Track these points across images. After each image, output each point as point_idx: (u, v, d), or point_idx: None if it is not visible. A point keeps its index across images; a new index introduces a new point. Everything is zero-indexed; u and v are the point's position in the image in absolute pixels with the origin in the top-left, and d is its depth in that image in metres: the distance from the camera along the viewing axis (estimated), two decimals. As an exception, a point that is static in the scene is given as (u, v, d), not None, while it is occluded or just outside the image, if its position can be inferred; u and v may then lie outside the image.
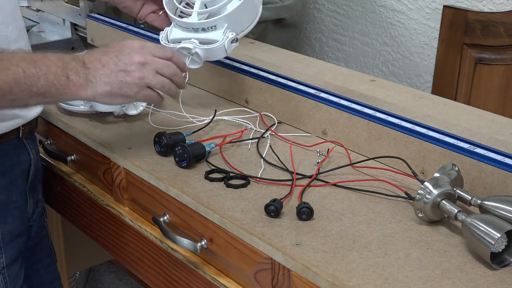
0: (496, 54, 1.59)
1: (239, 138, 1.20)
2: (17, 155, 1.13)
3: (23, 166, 1.15)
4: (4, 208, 1.11)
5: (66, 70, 0.94)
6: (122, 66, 0.97)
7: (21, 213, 1.15)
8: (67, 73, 0.94)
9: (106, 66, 0.97)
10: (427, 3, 1.80)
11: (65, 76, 0.93)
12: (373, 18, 1.95)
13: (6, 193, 1.11)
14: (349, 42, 2.06)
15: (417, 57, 1.86)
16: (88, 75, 0.95)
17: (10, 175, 1.12)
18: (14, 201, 1.13)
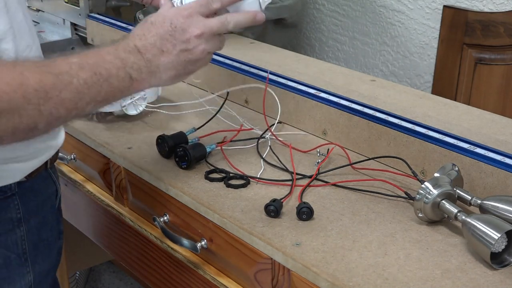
0: (496, 54, 1.59)
1: (240, 138, 1.20)
2: (45, 188, 1.03)
3: (52, 199, 1.06)
4: (35, 249, 1.01)
5: (127, 69, 0.85)
6: (182, 46, 0.89)
7: (50, 250, 1.05)
8: (129, 73, 0.85)
9: (166, 51, 0.88)
10: (427, 3, 1.80)
11: (128, 77, 0.85)
12: (373, 18, 1.95)
13: (37, 233, 1.01)
14: (349, 42, 2.06)
15: (417, 57, 1.86)
16: (151, 67, 0.88)
17: (42, 213, 1.02)
18: (44, 239, 1.03)
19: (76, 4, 1.77)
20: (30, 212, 0.98)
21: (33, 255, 1.00)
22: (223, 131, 1.22)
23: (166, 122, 1.28)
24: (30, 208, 0.98)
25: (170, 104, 1.36)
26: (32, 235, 1.00)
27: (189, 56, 0.90)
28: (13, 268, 0.98)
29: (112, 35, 1.67)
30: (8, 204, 0.95)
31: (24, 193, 0.96)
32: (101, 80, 0.82)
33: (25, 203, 0.97)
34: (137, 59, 0.87)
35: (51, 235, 1.05)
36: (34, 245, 1.00)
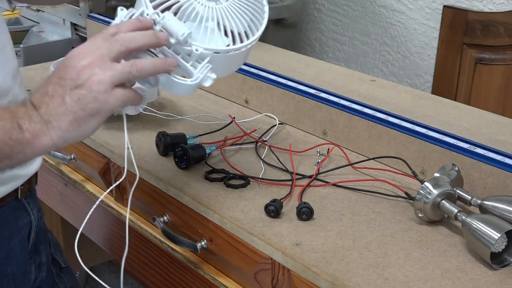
0: (496, 54, 1.59)
1: (239, 141, 1.20)
2: (15, 220, 0.95)
3: (23, 232, 0.97)
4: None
5: (17, 120, 0.73)
6: (70, 84, 0.74)
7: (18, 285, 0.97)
8: (17, 123, 0.73)
9: (55, 94, 0.75)
10: (427, 3, 1.79)
11: (17, 128, 0.73)
12: (373, 18, 1.95)
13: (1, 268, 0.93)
14: (349, 42, 2.06)
15: (417, 57, 1.86)
16: (43, 116, 0.74)
17: (6, 247, 0.94)
18: (10, 274, 0.95)
19: (76, 4, 1.77)
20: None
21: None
22: (227, 139, 1.22)
23: (166, 123, 1.28)
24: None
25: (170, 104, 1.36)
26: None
27: (82, 91, 0.74)
28: None
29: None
30: None
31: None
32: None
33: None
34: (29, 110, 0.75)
35: (18, 269, 0.96)
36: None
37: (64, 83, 0.75)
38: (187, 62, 0.83)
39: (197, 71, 0.83)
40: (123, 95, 0.77)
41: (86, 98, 0.74)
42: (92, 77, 0.74)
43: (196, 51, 0.83)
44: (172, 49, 0.83)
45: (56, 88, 0.75)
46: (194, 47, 0.83)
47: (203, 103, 1.37)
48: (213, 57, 0.84)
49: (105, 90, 0.75)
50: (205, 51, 0.84)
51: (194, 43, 0.83)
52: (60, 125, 0.75)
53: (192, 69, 0.84)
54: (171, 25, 0.82)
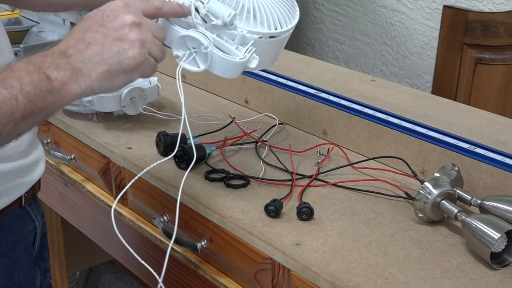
0: (496, 54, 1.59)
1: (239, 141, 1.20)
2: (20, 227, 0.94)
3: (27, 240, 0.95)
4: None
5: (43, 70, 0.71)
6: (113, 34, 0.73)
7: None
8: (44, 73, 0.71)
9: (93, 42, 0.73)
10: (427, 3, 1.80)
11: (45, 79, 0.71)
12: (373, 18, 1.95)
13: (5, 277, 0.92)
14: (349, 42, 2.06)
15: (417, 57, 1.86)
16: (73, 64, 0.72)
17: (12, 255, 0.92)
18: (16, 282, 0.94)
19: (76, 5, 1.77)
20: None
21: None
22: (227, 139, 1.22)
23: (166, 123, 1.28)
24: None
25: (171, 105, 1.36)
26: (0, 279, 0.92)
27: (124, 45, 0.74)
28: None
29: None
30: None
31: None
32: (13, 92, 0.69)
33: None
34: (55, 58, 0.73)
35: (23, 277, 0.95)
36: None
37: (107, 33, 0.73)
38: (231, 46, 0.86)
39: (244, 51, 0.86)
40: (154, 66, 0.78)
41: (126, 52, 0.74)
42: (137, 34, 0.74)
43: (242, 32, 0.85)
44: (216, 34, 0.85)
45: (96, 35, 0.73)
46: (239, 29, 0.85)
47: (203, 103, 1.37)
48: (256, 42, 0.87)
49: (145, 52, 0.75)
50: (249, 34, 0.86)
51: (239, 26, 0.85)
52: (91, 73, 0.73)
53: (237, 52, 0.86)
54: (216, 7, 0.84)
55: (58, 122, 1.32)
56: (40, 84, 0.70)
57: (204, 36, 0.85)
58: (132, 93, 1.23)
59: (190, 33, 0.84)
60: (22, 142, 0.89)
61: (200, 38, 0.84)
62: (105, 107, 1.24)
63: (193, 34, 0.84)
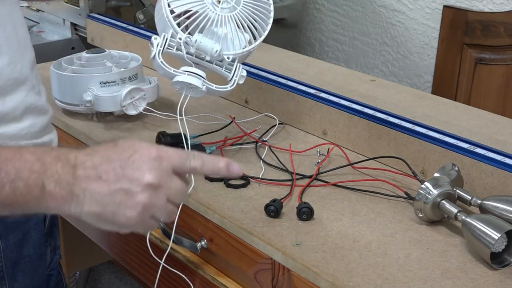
0: (496, 54, 1.59)
1: (239, 141, 1.19)
2: None
3: (39, 216, 0.97)
4: (13, 266, 0.94)
5: (43, 177, 0.68)
6: (125, 183, 0.69)
7: (35, 267, 0.98)
8: (42, 181, 0.68)
9: (104, 179, 0.69)
10: (427, 3, 1.80)
11: (40, 186, 0.68)
12: (373, 18, 1.95)
13: (16, 250, 0.94)
14: (349, 42, 2.06)
15: (417, 57, 1.86)
16: (74, 187, 0.69)
17: (22, 229, 0.94)
18: (26, 255, 0.95)
19: (76, 4, 1.77)
20: (9, 228, 0.93)
21: (11, 272, 0.94)
22: (227, 139, 1.22)
23: (166, 123, 1.28)
24: (9, 223, 0.92)
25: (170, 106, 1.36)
26: (10, 252, 0.94)
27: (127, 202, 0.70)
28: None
29: (112, 35, 1.67)
30: None
31: None
32: (5, 180, 0.68)
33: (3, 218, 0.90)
34: (64, 170, 0.70)
35: (34, 252, 0.97)
36: (12, 262, 0.94)
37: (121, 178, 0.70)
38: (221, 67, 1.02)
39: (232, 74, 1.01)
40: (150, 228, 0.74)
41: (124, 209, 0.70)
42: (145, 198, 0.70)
43: (228, 58, 1.01)
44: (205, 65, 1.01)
45: (110, 173, 0.70)
46: (225, 56, 1.01)
47: (203, 103, 1.37)
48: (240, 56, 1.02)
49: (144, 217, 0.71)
50: (234, 56, 1.01)
51: (225, 53, 1.00)
52: (84, 206, 0.70)
53: (227, 73, 1.02)
54: (204, 45, 1.00)
55: (58, 122, 1.32)
56: (32, 188, 0.69)
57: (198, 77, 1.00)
58: (132, 93, 1.23)
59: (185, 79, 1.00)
60: (35, 124, 0.92)
61: (194, 82, 0.99)
62: (105, 107, 1.24)
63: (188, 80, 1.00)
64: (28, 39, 0.93)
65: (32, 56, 0.94)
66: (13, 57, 0.86)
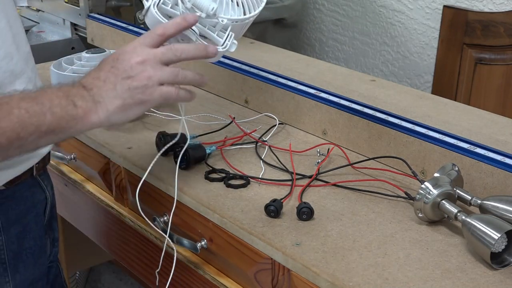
0: (496, 54, 1.59)
1: (239, 141, 1.19)
2: (31, 196, 1.01)
3: (38, 208, 1.03)
4: (15, 258, 0.99)
5: (71, 98, 0.82)
6: (123, 74, 0.85)
7: (36, 259, 1.03)
8: (72, 100, 0.82)
9: (107, 80, 0.84)
10: (427, 3, 1.80)
11: (72, 104, 0.82)
12: (373, 18, 1.95)
13: (18, 242, 0.99)
14: (349, 42, 2.06)
15: (417, 57, 1.86)
16: (94, 96, 0.83)
17: (23, 222, 0.99)
18: (27, 247, 1.00)
19: (76, 4, 1.77)
20: (9, 221, 0.96)
21: (13, 264, 0.98)
22: (227, 139, 1.22)
23: (166, 123, 1.28)
24: (10, 216, 0.96)
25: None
26: (11, 244, 0.97)
27: (133, 83, 0.85)
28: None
29: (112, 35, 1.67)
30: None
31: (3, 202, 0.95)
32: (43, 109, 0.80)
33: (5, 212, 0.96)
34: (80, 90, 0.84)
35: (34, 243, 1.02)
36: (14, 254, 0.98)
37: (117, 72, 0.85)
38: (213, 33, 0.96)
39: (225, 39, 0.97)
40: (167, 92, 0.87)
41: (136, 89, 0.85)
42: (143, 72, 0.85)
43: (222, 21, 0.96)
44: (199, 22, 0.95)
45: (108, 75, 0.85)
46: (220, 19, 0.96)
47: (203, 103, 1.37)
48: (233, 26, 0.98)
49: (153, 86, 0.86)
50: (228, 21, 0.97)
51: (220, 16, 0.96)
52: (108, 107, 0.84)
53: (219, 38, 0.97)
54: (200, 1, 0.96)
55: (58, 122, 1.32)
56: (66, 108, 0.81)
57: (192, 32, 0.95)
58: (132, 93, 1.23)
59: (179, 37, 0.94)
60: None
61: (189, 34, 0.95)
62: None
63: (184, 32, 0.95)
64: (22, 32, 0.95)
65: (27, 49, 0.96)
66: (8, 50, 0.89)
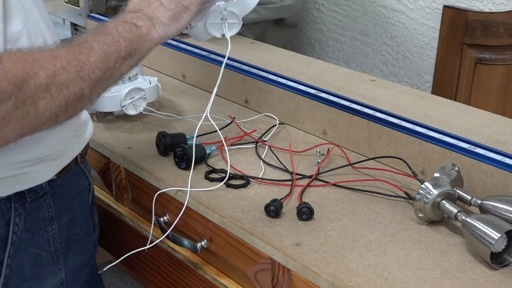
0: (496, 54, 1.59)
1: (239, 141, 1.20)
2: (77, 183, 1.03)
3: (83, 195, 1.05)
4: (66, 245, 1.01)
5: (130, 21, 0.89)
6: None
7: (82, 245, 1.05)
8: (132, 23, 0.89)
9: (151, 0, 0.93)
10: (427, 3, 1.80)
11: (134, 26, 0.89)
12: (373, 18, 1.95)
13: (68, 229, 1.02)
14: (349, 42, 2.06)
15: (417, 57, 1.86)
16: (147, 14, 0.91)
17: (71, 209, 1.02)
18: (74, 234, 1.03)
19: (76, 4, 1.77)
20: (61, 209, 0.99)
21: (64, 252, 1.01)
22: (228, 139, 1.22)
23: (166, 123, 1.28)
24: (61, 205, 0.99)
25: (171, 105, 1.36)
26: (63, 232, 1.00)
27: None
28: (44, 266, 0.98)
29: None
30: (40, 203, 0.95)
31: (56, 191, 0.97)
32: (115, 37, 0.86)
33: (57, 201, 0.98)
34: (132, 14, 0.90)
35: (80, 230, 1.05)
36: (65, 242, 1.01)
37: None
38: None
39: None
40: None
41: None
42: None
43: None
44: None
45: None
46: None
47: (203, 103, 1.37)
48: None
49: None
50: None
51: None
52: (163, 21, 0.92)
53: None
54: None
55: (58, 122, 1.32)
56: (131, 30, 0.88)
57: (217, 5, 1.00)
58: (132, 93, 1.23)
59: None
60: None
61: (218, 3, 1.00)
62: (105, 107, 1.24)
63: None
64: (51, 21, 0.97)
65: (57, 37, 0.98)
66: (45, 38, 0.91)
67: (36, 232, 0.96)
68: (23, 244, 0.94)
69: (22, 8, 0.85)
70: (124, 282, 2.13)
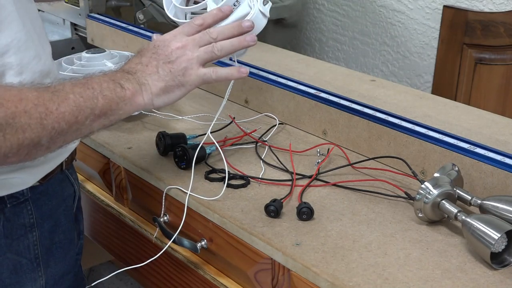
0: (496, 54, 1.59)
1: (239, 141, 1.19)
2: (61, 191, 1.02)
3: (67, 202, 1.04)
4: (47, 253, 1.00)
5: (117, 81, 0.87)
6: (164, 59, 0.91)
7: (65, 252, 1.04)
8: (119, 83, 0.87)
9: (150, 65, 0.91)
10: (427, 3, 1.80)
11: (119, 87, 0.87)
12: (373, 18, 1.95)
13: (50, 236, 1.00)
14: (349, 42, 2.06)
15: (417, 57, 1.86)
16: (139, 79, 0.89)
17: (54, 216, 1.01)
18: (57, 241, 1.02)
19: (76, 4, 1.77)
20: (43, 216, 0.98)
21: (45, 259, 0.99)
22: (227, 139, 1.22)
23: (166, 123, 1.28)
24: (43, 212, 0.98)
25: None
26: (44, 239, 0.98)
27: (174, 67, 0.91)
28: (24, 273, 0.97)
29: (112, 35, 1.67)
30: (21, 210, 0.94)
31: (38, 197, 0.96)
32: (95, 93, 0.83)
33: (39, 207, 0.96)
34: (123, 75, 0.89)
35: (64, 237, 1.03)
36: (46, 249, 1.00)
37: (158, 57, 0.92)
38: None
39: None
40: (205, 73, 0.94)
41: (176, 71, 0.91)
42: (183, 56, 0.92)
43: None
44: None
45: (150, 60, 0.92)
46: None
47: (203, 103, 1.37)
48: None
49: (192, 67, 0.92)
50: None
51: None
52: (152, 89, 0.90)
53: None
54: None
55: (58, 122, 1.32)
56: (115, 91, 0.86)
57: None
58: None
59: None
60: None
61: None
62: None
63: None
64: (44, 32, 0.96)
65: (50, 48, 0.97)
66: (36, 51, 0.90)
67: (16, 239, 0.94)
68: (2, 250, 0.93)
69: (14, 21, 0.84)
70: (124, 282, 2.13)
